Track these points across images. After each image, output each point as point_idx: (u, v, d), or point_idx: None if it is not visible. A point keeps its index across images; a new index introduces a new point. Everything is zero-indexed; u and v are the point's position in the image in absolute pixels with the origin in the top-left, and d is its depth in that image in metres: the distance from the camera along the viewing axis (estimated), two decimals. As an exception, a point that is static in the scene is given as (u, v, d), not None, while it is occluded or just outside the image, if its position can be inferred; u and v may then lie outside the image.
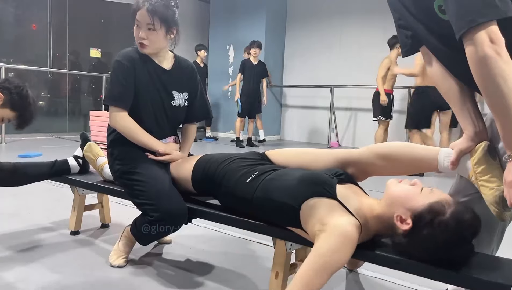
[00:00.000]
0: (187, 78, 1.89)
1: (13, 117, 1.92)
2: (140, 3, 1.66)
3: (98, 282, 1.60)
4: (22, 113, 1.92)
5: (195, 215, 1.64)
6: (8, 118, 1.91)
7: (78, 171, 2.13)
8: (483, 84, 1.01)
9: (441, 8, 1.10)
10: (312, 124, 7.80)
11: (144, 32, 1.69)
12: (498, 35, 0.98)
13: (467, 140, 1.22)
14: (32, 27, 6.94)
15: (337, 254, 1.12)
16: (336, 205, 1.24)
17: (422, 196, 1.17)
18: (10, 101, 1.87)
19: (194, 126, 1.99)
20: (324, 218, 1.20)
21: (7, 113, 1.89)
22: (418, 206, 1.15)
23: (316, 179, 1.32)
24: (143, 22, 1.68)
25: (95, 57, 7.67)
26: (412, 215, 1.15)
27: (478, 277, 1.06)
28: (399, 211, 1.18)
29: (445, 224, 1.09)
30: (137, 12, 1.67)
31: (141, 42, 1.71)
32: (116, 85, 1.72)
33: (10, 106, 1.87)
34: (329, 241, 1.14)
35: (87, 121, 5.85)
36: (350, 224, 1.16)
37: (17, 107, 1.89)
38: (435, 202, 1.14)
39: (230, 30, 8.01)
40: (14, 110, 1.90)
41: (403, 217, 1.17)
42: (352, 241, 1.15)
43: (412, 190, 1.19)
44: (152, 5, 1.65)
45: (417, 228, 1.13)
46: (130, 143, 1.75)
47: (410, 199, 1.17)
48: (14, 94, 1.87)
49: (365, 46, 7.03)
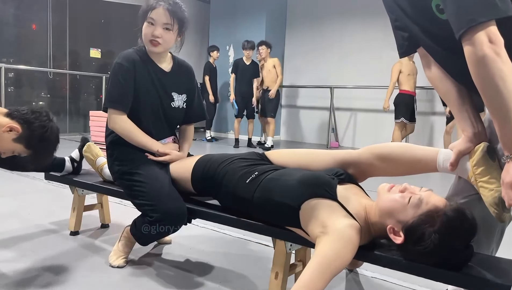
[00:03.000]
0: (185, 79, 1.89)
1: (26, 153, 1.61)
2: (156, 2, 1.67)
3: (98, 282, 1.60)
4: (37, 154, 1.62)
5: (195, 216, 1.64)
6: (19, 153, 1.60)
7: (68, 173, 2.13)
8: (481, 84, 1.01)
9: (438, 8, 1.09)
10: (312, 124, 7.80)
11: (159, 30, 1.70)
12: (497, 35, 0.98)
13: (466, 141, 1.22)
14: (32, 27, 6.94)
15: (339, 258, 1.13)
16: (336, 207, 1.24)
17: (411, 207, 1.15)
18: (27, 138, 1.55)
19: (192, 126, 2.00)
20: (325, 221, 1.20)
21: (19, 148, 1.57)
22: (408, 220, 1.14)
23: (316, 179, 1.32)
24: (159, 21, 1.68)
25: (95, 57, 7.67)
26: (403, 228, 1.14)
27: (478, 277, 1.06)
28: (391, 223, 1.18)
29: (437, 236, 1.07)
30: (152, 10, 1.67)
31: (155, 40, 1.70)
32: (116, 87, 1.72)
33: (25, 143, 1.56)
34: (331, 245, 1.14)
35: (87, 121, 5.85)
36: (351, 227, 1.16)
37: (30, 145, 1.57)
38: (423, 213, 1.12)
39: (230, 30, 8.01)
40: (27, 148, 1.58)
41: (395, 229, 1.17)
42: (354, 244, 1.15)
43: (400, 202, 1.17)
44: (171, 5, 1.68)
45: (410, 241, 1.13)
46: (129, 144, 1.75)
47: (398, 212, 1.17)
48: (35, 133, 1.55)
49: (365, 46, 7.03)
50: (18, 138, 1.54)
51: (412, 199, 1.16)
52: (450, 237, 1.07)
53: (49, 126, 1.59)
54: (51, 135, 1.60)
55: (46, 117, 1.60)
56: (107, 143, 1.83)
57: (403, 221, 1.15)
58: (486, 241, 1.27)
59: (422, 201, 1.15)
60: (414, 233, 1.11)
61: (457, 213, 1.09)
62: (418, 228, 1.11)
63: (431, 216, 1.10)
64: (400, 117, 5.40)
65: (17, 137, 1.53)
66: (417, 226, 1.11)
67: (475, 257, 1.17)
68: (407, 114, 5.38)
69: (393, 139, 5.44)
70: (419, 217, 1.12)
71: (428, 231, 1.09)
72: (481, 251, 1.24)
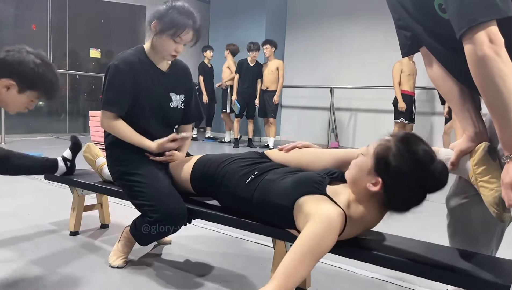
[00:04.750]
0: (183, 80, 1.90)
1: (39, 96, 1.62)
2: (187, 23, 1.68)
3: (97, 282, 1.60)
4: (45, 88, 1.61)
5: (195, 216, 1.64)
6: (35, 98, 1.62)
7: (63, 173, 2.12)
8: (481, 84, 1.01)
9: (441, 7, 1.09)
10: (312, 124, 7.80)
11: (181, 48, 1.75)
12: (498, 35, 0.98)
13: (467, 140, 1.22)
14: (32, 28, 6.94)
15: (320, 240, 1.13)
16: (324, 198, 1.25)
17: (364, 157, 1.24)
18: (25, 83, 1.55)
19: (189, 126, 2.00)
20: (310, 211, 1.21)
21: (30, 96, 1.59)
22: (370, 163, 1.21)
23: (307, 179, 1.33)
24: (185, 41, 1.72)
25: (95, 57, 7.67)
26: (373, 173, 1.20)
27: (478, 277, 1.06)
28: (366, 180, 1.22)
29: (400, 156, 1.16)
30: (183, 31, 1.68)
31: (176, 54, 1.76)
32: (111, 89, 1.72)
33: (29, 87, 1.56)
34: (312, 226, 1.15)
35: (86, 121, 5.85)
36: (332, 211, 1.17)
37: (35, 85, 1.57)
38: (377, 148, 1.21)
39: (230, 30, 8.01)
40: (34, 89, 1.58)
41: (372, 182, 1.20)
42: (335, 227, 1.15)
43: (358, 162, 1.26)
44: (196, 24, 1.71)
45: (385, 177, 1.18)
46: (128, 145, 1.74)
47: (362, 167, 1.23)
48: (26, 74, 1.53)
49: (366, 46, 7.03)
50: (19, 89, 1.54)
51: (362, 150, 1.27)
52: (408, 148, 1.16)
53: (29, 58, 1.54)
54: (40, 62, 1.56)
55: (19, 52, 1.55)
56: (107, 144, 1.83)
57: (369, 169, 1.21)
58: (486, 240, 1.27)
59: (367, 148, 1.26)
60: (382, 168, 1.18)
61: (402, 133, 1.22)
62: (381, 161, 1.19)
63: (385, 146, 1.20)
64: (400, 118, 5.42)
65: (18, 89, 1.54)
66: (379, 160, 1.19)
67: (475, 257, 1.16)
68: (407, 115, 5.41)
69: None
70: (376, 153, 1.21)
71: (390, 156, 1.17)
72: (481, 251, 1.24)
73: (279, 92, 6.28)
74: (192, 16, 1.69)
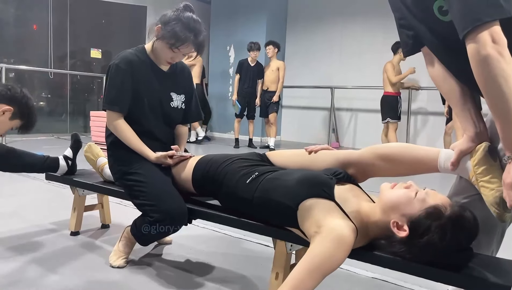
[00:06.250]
0: (183, 80, 1.90)
1: (19, 125, 1.93)
2: (188, 38, 1.67)
3: (98, 283, 1.60)
4: (28, 120, 1.93)
5: (195, 216, 1.64)
6: (15, 127, 1.93)
7: (65, 172, 2.12)
8: (484, 84, 1.01)
9: (441, 10, 1.09)
10: (313, 125, 7.80)
11: (180, 57, 1.76)
12: (501, 35, 0.98)
13: (468, 140, 1.22)
14: (33, 28, 6.95)
15: (331, 258, 1.12)
16: (333, 207, 1.23)
17: (417, 201, 1.15)
18: (19, 112, 1.86)
19: (186, 127, 2.01)
20: (320, 220, 1.19)
21: (16, 123, 1.90)
22: (414, 213, 1.13)
23: (314, 179, 1.31)
24: (184, 52, 1.72)
25: (96, 57, 7.68)
26: (408, 221, 1.14)
27: (478, 278, 1.06)
28: (395, 218, 1.17)
29: (443, 230, 1.07)
30: (181, 44, 1.68)
31: (172, 62, 1.78)
32: (112, 88, 1.73)
33: (19, 117, 1.87)
34: (324, 244, 1.13)
35: (87, 121, 5.86)
36: (345, 228, 1.15)
37: (24, 116, 1.90)
38: (431, 207, 1.12)
39: (230, 31, 8.01)
40: (22, 119, 1.90)
41: (399, 224, 1.16)
42: (347, 245, 1.14)
43: (406, 195, 1.17)
44: (197, 38, 1.70)
45: (415, 234, 1.12)
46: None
47: (405, 205, 1.16)
48: (23, 105, 1.86)
49: (366, 47, 7.03)
50: (13, 116, 1.84)
51: (419, 193, 1.17)
52: (455, 232, 1.07)
53: (26, 93, 1.89)
54: (31, 100, 1.92)
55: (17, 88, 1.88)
56: (108, 144, 1.83)
57: (409, 214, 1.14)
58: (487, 241, 1.27)
59: (429, 196, 1.16)
60: (420, 226, 1.11)
61: (463, 211, 1.10)
62: (424, 221, 1.10)
63: (438, 210, 1.10)
64: (386, 118, 5.61)
65: (12, 115, 1.84)
66: (424, 219, 1.11)
67: (476, 257, 1.16)
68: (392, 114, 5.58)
69: (389, 140, 5.56)
70: (426, 210, 1.12)
71: (434, 225, 1.09)
72: (482, 251, 1.24)
73: (278, 92, 6.27)
74: (195, 31, 1.68)
